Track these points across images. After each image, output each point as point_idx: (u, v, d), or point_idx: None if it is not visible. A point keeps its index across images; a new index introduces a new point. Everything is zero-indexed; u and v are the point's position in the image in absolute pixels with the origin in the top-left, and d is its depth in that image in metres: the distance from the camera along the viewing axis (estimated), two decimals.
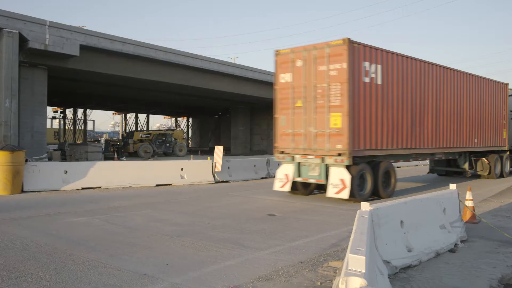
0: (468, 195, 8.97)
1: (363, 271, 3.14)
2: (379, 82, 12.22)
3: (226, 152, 41.50)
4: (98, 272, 5.39)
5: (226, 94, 42.80)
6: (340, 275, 3.54)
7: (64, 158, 28.24)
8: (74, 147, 31.48)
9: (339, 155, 11.19)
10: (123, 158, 32.95)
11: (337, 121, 11.28)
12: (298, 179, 12.42)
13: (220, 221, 8.89)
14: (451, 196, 7.49)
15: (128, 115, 70.76)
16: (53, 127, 61.84)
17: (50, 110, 59.19)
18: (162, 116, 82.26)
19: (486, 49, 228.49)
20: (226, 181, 16.80)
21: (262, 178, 18.52)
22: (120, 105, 60.43)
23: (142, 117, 70.10)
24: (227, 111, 60.45)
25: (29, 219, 8.90)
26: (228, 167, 17.37)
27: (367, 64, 11.76)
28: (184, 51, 35.40)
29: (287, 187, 12.44)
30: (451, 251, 6.56)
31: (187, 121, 77.46)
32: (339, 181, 11.22)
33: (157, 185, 14.98)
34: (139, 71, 32.50)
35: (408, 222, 6.02)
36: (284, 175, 12.56)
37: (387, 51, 12.59)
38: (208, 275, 5.32)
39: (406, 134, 13.28)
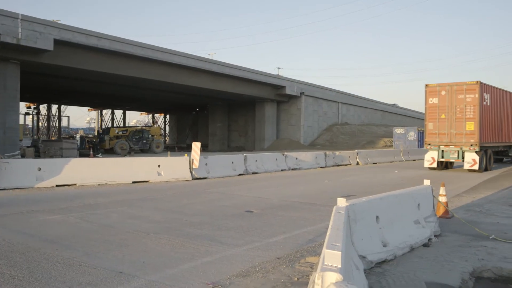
0: (442, 190, 9.16)
1: (339, 266, 3.17)
2: (488, 104, 21.01)
3: (204, 148, 41.33)
4: (73, 270, 5.31)
5: (203, 90, 42.59)
6: (316, 271, 3.57)
7: (37, 155, 27.66)
8: (48, 143, 30.87)
9: (471, 145, 20.03)
10: (99, 154, 32.49)
11: (471, 126, 20.06)
12: (441, 160, 21.24)
13: (198, 218, 8.86)
14: (425, 191, 7.63)
15: (104, 111, 69.78)
16: (26, 123, 60.46)
17: (23, 106, 57.87)
18: (139, 113, 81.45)
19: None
20: (204, 178, 16.74)
21: (240, 174, 18.51)
22: (96, 101, 59.57)
23: (118, 113, 69.21)
24: (204, 107, 60.25)
25: (1, 217, 8.70)
26: (206, 164, 17.30)
27: (484, 94, 20.49)
28: (161, 46, 35.06)
29: (435, 165, 21.24)
30: (425, 245, 6.69)
31: (164, 117, 76.86)
32: (472, 160, 20.07)
33: (133, 182, 14.82)
34: (115, 66, 32.08)
35: (383, 218, 6.11)
36: (431, 158, 21.32)
37: (491, 86, 21.59)
38: (185, 272, 5.30)
39: (496, 133, 22.12)
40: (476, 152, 20.01)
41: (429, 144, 21.26)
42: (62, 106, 62.01)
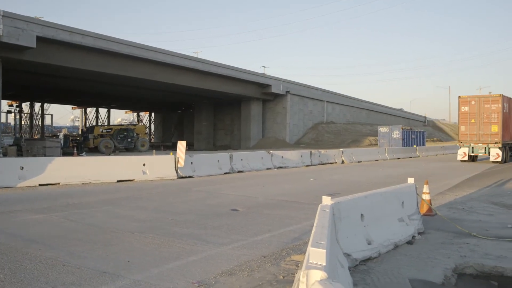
0: (425, 188, 9.27)
1: (324, 264, 3.18)
2: (507, 111, 26.58)
3: (189, 147, 41.21)
4: (56, 270, 5.24)
5: (189, 88, 42.42)
6: (301, 269, 3.58)
7: (20, 154, 27.26)
8: (31, 142, 30.48)
9: (495, 143, 25.78)
10: (83, 153, 32.15)
11: (495, 129, 25.76)
12: (471, 154, 27.01)
13: (183, 216, 8.83)
14: (409, 190, 7.71)
15: (88, 109, 69.10)
16: (9, 121, 59.48)
17: (5, 104, 56.93)
18: (123, 111, 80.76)
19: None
20: (189, 177, 16.67)
21: (225, 173, 18.49)
22: (80, 99, 58.93)
23: (103, 111, 68.53)
24: (190, 106, 60.00)
25: None
26: (191, 163, 17.24)
27: (505, 103, 26.15)
28: (146, 44, 34.81)
29: (466, 158, 26.87)
30: (409, 243, 6.76)
31: (150, 115, 76.38)
32: (496, 154, 25.69)
33: (118, 181, 14.69)
34: (99, 64, 31.75)
35: (368, 216, 6.16)
36: (463, 153, 27.02)
37: (509, 97, 27.18)
38: (170, 271, 5.28)
39: (511, 133, 27.75)
40: (499, 148, 25.79)
41: (461, 142, 27.13)
42: (45, 104, 61.20)
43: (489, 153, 26.09)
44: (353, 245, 5.58)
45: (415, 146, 39.98)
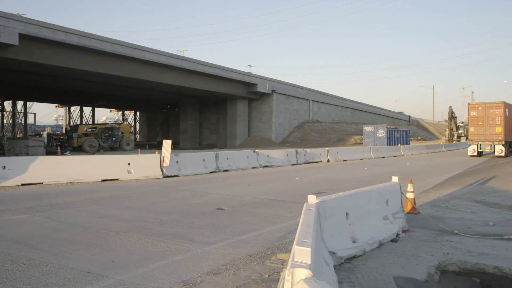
0: (409, 187, 9.37)
1: (309, 262, 3.20)
2: (507, 115, 31.34)
3: (175, 146, 41.02)
4: (39, 271, 5.18)
5: (175, 87, 42.22)
6: (287, 267, 3.59)
7: (2, 153, 26.83)
8: (14, 141, 29.98)
9: (499, 141, 30.67)
10: (67, 152, 31.78)
11: (499, 129, 30.76)
12: (479, 150, 31.68)
13: (168, 216, 8.79)
14: (394, 188, 7.78)
15: (72, 108, 68.27)
16: None
17: None
18: (108, 110, 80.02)
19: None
20: (175, 176, 16.60)
21: (211, 172, 18.45)
22: (63, 98, 58.24)
23: (87, 110, 67.81)
24: (176, 105, 59.71)
25: None
26: (177, 162, 17.16)
27: (506, 109, 31.02)
28: (131, 42, 34.51)
29: (475, 154, 31.62)
30: (393, 240, 6.83)
31: (135, 114, 75.82)
32: (500, 150, 30.55)
33: (103, 180, 14.56)
34: (84, 62, 31.41)
35: (353, 214, 6.20)
36: (472, 149, 31.72)
37: (510, 104, 32.12)
38: (155, 271, 5.25)
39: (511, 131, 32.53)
40: (502, 145, 30.81)
41: (471, 141, 32.30)
42: (28, 103, 60.31)
43: (494, 149, 31.20)
44: (338, 243, 5.61)
45: (399, 145, 40.37)
